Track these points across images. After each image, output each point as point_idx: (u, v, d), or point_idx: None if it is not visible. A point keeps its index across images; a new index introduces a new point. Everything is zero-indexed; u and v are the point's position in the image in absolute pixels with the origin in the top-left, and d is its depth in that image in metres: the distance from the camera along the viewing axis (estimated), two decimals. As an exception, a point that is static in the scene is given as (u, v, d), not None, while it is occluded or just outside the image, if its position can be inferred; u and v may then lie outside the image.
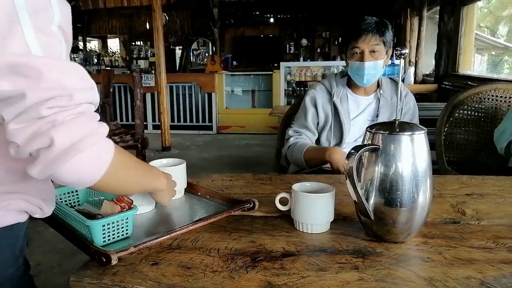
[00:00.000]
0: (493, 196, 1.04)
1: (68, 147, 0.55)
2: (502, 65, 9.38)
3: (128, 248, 0.70)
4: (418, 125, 0.78)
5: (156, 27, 5.01)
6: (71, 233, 0.76)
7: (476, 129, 1.82)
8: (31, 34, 0.53)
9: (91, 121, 0.59)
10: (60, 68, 0.55)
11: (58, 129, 0.54)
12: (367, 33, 1.43)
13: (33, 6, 0.54)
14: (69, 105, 0.55)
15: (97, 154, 0.59)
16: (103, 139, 0.60)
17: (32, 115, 0.53)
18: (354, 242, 0.78)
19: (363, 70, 1.46)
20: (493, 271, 0.66)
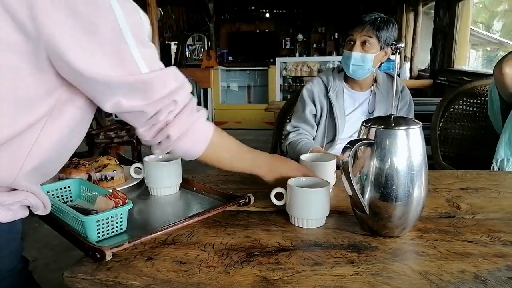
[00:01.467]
0: (487, 190, 1.04)
1: (179, 136, 0.75)
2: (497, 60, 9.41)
3: (122, 244, 0.69)
4: (413, 120, 0.78)
5: (150, 22, 4.97)
6: (65, 229, 0.75)
7: (471, 124, 1.83)
8: (136, 51, 0.65)
9: (192, 112, 0.76)
10: (161, 77, 0.69)
11: (171, 126, 0.74)
12: (362, 24, 1.44)
13: (132, 23, 0.64)
14: (175, 107, 0.73)
15: (198, 136, 0.79)
16: (202, 124, 0.79)
17: (153, 122, 0.72)
18: (350, 236, 0.78)
19: (349, 59, 1.47)
20: (488, 265, 0.66)
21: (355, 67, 1.48)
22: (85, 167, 1.01)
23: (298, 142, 1.54)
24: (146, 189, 1.03)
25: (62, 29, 0.59)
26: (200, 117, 0.78)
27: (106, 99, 0.67)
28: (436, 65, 4.60)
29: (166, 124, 0.73)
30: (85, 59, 0.62)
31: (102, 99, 0.67)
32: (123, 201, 0.77)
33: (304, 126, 1.59)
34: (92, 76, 0.63)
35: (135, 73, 0.66)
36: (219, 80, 6.41)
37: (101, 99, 0.67)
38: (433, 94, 4.52)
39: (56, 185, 0.91)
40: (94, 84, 0.65)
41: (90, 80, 0.64)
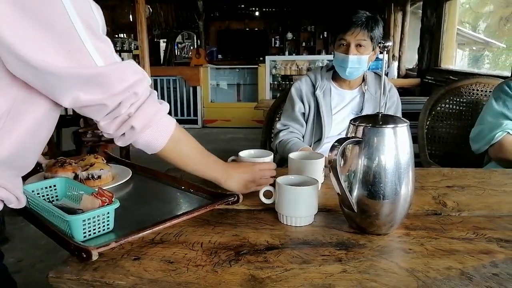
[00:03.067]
0: (473, 188, 1.06)
1: (142, 127, 0.75)
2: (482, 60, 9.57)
3: (109, 243, 0.68)
4: (400, 118, 0.79)
5: (139, 19, 4.92)
6: (51, 229, 0.73)
7: (457, 122, 1.85)
8: (90, 44, 0.64)
9: (154, 103, 0.77)
10: (119, 71, 0.69)
11: (135, 117, 0.73)
12: (356, 27, 1.43)
13: (83, 17, 0.63)
14: (136, 99, 0.72)
15: (161, 128, 0.78)
16: (165, 117, 0.79)
17: (114, 115, 0.72)
18: (338, 234, 0.78)
19: (346, 62, 1.47)
20: (473, 262, 0.67)
21: (352, 70, 1.49)
22: (72, 166, 1.00)
23: (288, 141, 1.54)
24: (133, 187, 1.02)
25: (8, 21, 0.57)
26: (163, 109, 0.78)
27: (63, 94, 0.65)
28: (424, 64, 4.66)
29: (129, 116, 0.73)
30: (35, 48, 0.59)
31: (59, 95, 0.66)
32: (109, 200, 0.76)
33: (293, 125, 1.60)
34: (43, 66, 0.60)
35: (90, 66, 0.64)
36: (208, 78, 6.38)
37: (59, 95, 0.66)
38: (421, 93, 4.57)
39: (41, 184, 0.90)
40: (48, 79, 0.62)
41: (43, 73, 0.61)
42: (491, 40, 9.24)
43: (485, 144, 1.49)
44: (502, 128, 1.44)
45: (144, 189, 1.05)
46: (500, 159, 1.48)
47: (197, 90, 6.36)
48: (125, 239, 0.71)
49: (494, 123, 1.48)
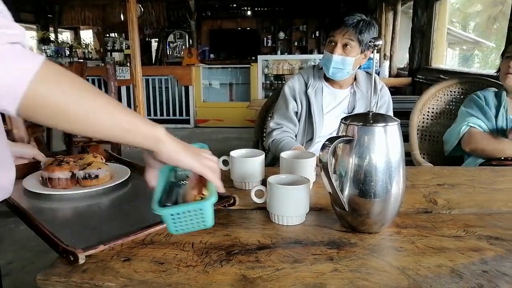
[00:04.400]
0: (463, 186, 1.07)
1: None
2: (472, 59, 9.68)
3: (97, 246, 0.67)
4: (391, 117, 0.79)
5: (130, 18, 4.88)
6: (41, 230, 0.72)
7: (447, 121, 1.86)
8: None
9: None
10: None
11: None
12: (345, 27, 1.44)
13: None
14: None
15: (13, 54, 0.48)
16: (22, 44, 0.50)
17: None
18: (329, 233, 0.78)
19: (330, 61, 1.47)
20: (463, 259, 0.68)
21: (335, 70, 1.49)
22: (69, 164, 0.98)
23: (281, 140, 1.54)
24: (131, 188, 1.01)
25: None
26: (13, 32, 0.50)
27: None
28: (415, 64, 4.69)
29: None
30: None
31: None
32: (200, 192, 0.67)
33: (287, 124, 1.60)
34: None
35: None
36: (200, 77, 6.36)
37: None
38: (412, 92, 4.60)
39: None
40: None
41: None
42: (481, 40, 9.34)
43: (454, 140, 1.65)
44: (465, 123, 1.62)
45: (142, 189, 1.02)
46: (472, 150, 1.61)
47: (189, 90, 6.33)
48: (114, 242, 0.69)
49: (460, 122, 1.65)
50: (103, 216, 0.88)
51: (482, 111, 1.62)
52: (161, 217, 0.65)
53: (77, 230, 0.78)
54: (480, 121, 1.61)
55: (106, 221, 0.84)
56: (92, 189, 0.96)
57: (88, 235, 0.74)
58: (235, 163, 1.03)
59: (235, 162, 1.03)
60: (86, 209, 0.91)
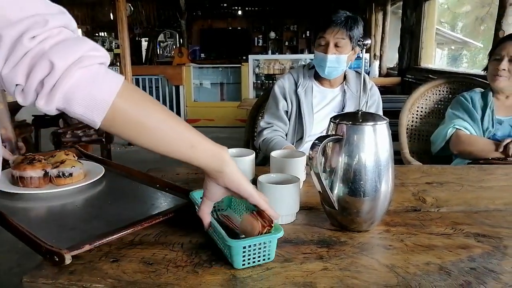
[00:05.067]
0: (451, 184, 1.08)
1: (69, 65, 0.50)
2: (461, 59, 9.80)
3: (83, 246, 0.65)
4: (380, 116, 0.79)
5: (120, 18, 4.85)
6: (21, 231, 0.69)
7: (436, 120, 1.89)
8: None
9: (84, 43, 0.52)
10: None
11: (52, 51, 0.49)
12: (335, 26, 1.45)
13: None
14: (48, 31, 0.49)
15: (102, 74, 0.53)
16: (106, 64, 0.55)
17: (19, 53, 0.48)
18: (319, 232, 0.78)
19: (325, 62, 1.48)
20: (451, 256, 0.68)
21: (330, 69, 1.50)
22: (41, 163, 0.95)
23: (272, 139, 1.54)
24: (107, 186, 0.99)
25: None
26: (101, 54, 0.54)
27: None
28: (404, 63, 4.73)
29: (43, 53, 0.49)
30: None
31: None
32: (269, 224, 0.66)
33: (277, 123, 1.60)
34: None
35: None
36: (191, 77, 6.34)
37: None
38: (402, 92, 4.65)
39: None
40: None
41: None
42: (469, 40, 9.47)
43: (441, 141, 1.68)
44: (452, 125, 1.63)
45: (118, 188, 1.01)
46: (459, 152, 1.64)
47: (179, 90, 6.31)
48: (99, 242, 0.68)
49: (447, 124, 1.67)
50: (80, 215, 0.86)
51: (468, 113, 1.64)
52: (226, 251, 0.65)
53: (56, 230, 0.76)
54: (466, 123, 1.62)
55: (85, 220, 0.82)
56: (67, 187, 0.94)
57: (69, 235, 0.73)
58: (225, 163, 1.02)
59: (225, 162, 1.02)
60: (62, 209, 0.89)
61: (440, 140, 1.68)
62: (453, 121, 1.65)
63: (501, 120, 1.61)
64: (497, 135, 1.59)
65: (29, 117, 4.08)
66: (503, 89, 1.61)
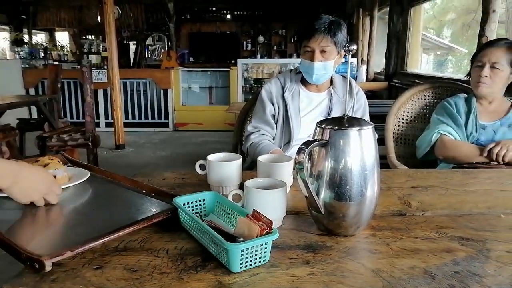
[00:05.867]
0: (436, 188, 1.09)
1: None
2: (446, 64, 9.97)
3: (64, 252, 0.64)
4: (366, 120, 0.80)
5: (107, 20, 4.82)
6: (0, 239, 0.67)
7: (421, 125, 1.91)
8: None
9: None
10: None
11: None
12: (319, 34, 1.45)
13: None
14: None
15: None
16: None
17: None
18: (306, 237, 0.78)
19: (312, 69, 1.49)
20: (436, 260, 0.69)
21: (318, 76, 1.51)
22: None
23: (259, 143, 1.54)
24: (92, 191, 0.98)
25: None
26: None
27: None
28: (391, 68, 4.79)
29: None
30: None
31: None
32: (268, 226, 0.67)
33: (264, 127, 1.60)
34: None
35: None
36: (179, 81, 6.31)
37: None
38: (388, 96, 4.70)
39: (191, 198, 0.84)
40: None
41: None
42: (454, 46, 9.64)
43: (426, 147, 1.70)
44: (436, 130, 1.66)
45: (103, 193, 1.00)
46: (444, 157, 1.66)
47: (168, 93, 6.27)
48: (81, 248, 0.66)
49: (431, 129, 1.69)
50: (63, 221, 0.84)
51: (452, 118, 1.66)
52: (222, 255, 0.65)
53: (37, 236, 0.74)
54: (450, 128, 1.65)
55: (67, 226, 0.81)
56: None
57: (50, 242, 0.71)
58: (212, 167, 1.02)
59: (212, 166, 1.02)
60: (44, 214, 0.86)
61: (425, 145, 1.70)
62: (438, 126, 1.67)
63: (484, 125, 1.64)
64: (481, 140, 1.62)
65: (13, 121, 4.01)
66: (486, 95, 1.64)
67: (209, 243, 0.70)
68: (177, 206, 0.79)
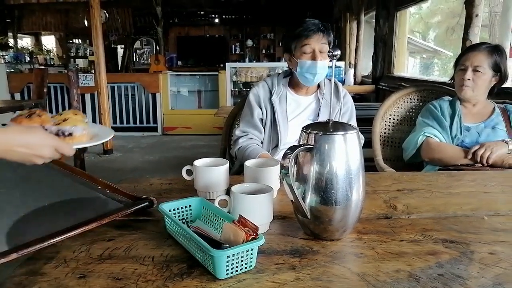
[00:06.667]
0: (422, 191, 1.10)
1: None
2: (432, 67, 10.12)
3: (9, 254, 0.61)
4: (350, 125, 0.81)
5: (94, 24, 4.78)
6: None
7: (408, 127, 1.93)
8: None
9: None
10: None
11: None
12: (318, 32, 1.47)
13: None
14: None
15: None
16: None
17: None
18: (292, 241, 0.78)
19: (315, 68, 1.48)
20: (420, 263, 0.70)
21: (319, 75, 1.51)
22: (40, 117, 0.88)
23: (247, 147, 1.54)
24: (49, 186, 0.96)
25: None
26: None
27: None
28: (378, 72, 4.84)
29: None
30: None
31: None
32: (254, 232, 0.67)
33: (252, 131, 1.60)
34: None
35: None
36: (168, 85, 6.28)
37: None
38: (376, 99, 4.74)
39: (177, 204, 0.83)
40: None
41: None
42: (440, 49, 9.80)
43: (412, 149, 1.72)
44: (422, 133, 1.68)
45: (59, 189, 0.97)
46: (429, 159, 1.68)
47: (156, 97, 6.24)
48: (27, 250, 0.64)
49: (417, 132, 1.71)
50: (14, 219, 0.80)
51: (437, 121, 1.69)
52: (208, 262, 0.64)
53: None
54: (435, 131, 1.67)
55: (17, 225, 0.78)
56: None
57: None
58: (198, 173, 1.01)
59: (199, 172, 1.01)
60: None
61: (412, 148, 1.72)
62: (423, 129, 1.69)
63: (468, 127, 1.67)
64: (465, 142, 1.64)
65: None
66: (470, 98, 1.67)
67: (195, 250, 0.69)
68: (162, 212, 0.79)
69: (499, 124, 1.65)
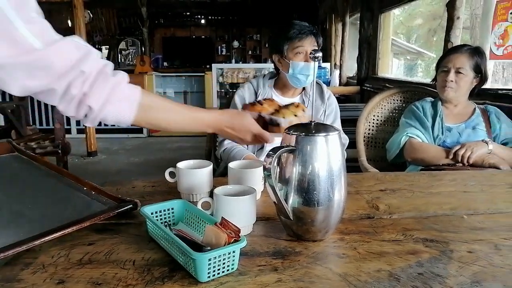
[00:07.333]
0: (403, 191, 1.12)
1: (101, 105, 0.75)
2: (416, 68, 10.28)
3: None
4: (332, 126, 0.81)
5: (78, 25, 4.71)
6: None
7: (391, 128, 1.96)
8: (24, 28, 0.63)
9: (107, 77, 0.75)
10: (59, 50, 0.68)
11: (89, 96, 0.73)
12: (311, 35, 1.49)
13: (14, 2, 0.62)
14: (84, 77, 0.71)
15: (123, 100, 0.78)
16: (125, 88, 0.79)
17: (68, 97, 0.72)
18: (275, 243, 0.78)
19: (308, 70, 1.50)
20: (401, 262, 0.70)
21: (311, 77, 1.52)
22: (261, 106, 1.03)
23: (232, 149, 1.54)
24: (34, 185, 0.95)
25: None
26: (119, 82, 0.78)
27: (9, 83, 0.65)
28: (362, 73, 4.89)
29: (84, 96, 0.72)
30: None
31: (6, 85, 0.65)
32: (236, 234, 0.67)
33: None
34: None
35: (29, 50, 0.64)
36: (153, 86, 6.24)
37: (5, 85, 0.65)
38: (361, 100, 4.79)
39: (159, 207, 0.82)
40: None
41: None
42: (423, 50, 9.96)
43: (395, 149, 1.75)
44: (405, 133, 1.71)
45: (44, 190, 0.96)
46: (412, 159, 1.71)
47: (141, 99, 6.18)
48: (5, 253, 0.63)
49: (400, 132, 1.74)
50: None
51: (420, 122, 1.72)
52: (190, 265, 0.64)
53: None
54: (418, 131, 1.70)
55: None
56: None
57: None
58: (181, 175, 1.01)
59: (182, 174, 1.01)
60: None
61: (395, 148, 1.74)
62: (406, 129, 1.72)
63: (450, 128, 1.70)
64: (447, 142, 1.67)
65: (-23, 129, 3.85)
66: (451, 99, 1.71)
67: (176, 253, 0.69)
68: (144, 215, 0.78)
69: (479, 125, 1.68)
